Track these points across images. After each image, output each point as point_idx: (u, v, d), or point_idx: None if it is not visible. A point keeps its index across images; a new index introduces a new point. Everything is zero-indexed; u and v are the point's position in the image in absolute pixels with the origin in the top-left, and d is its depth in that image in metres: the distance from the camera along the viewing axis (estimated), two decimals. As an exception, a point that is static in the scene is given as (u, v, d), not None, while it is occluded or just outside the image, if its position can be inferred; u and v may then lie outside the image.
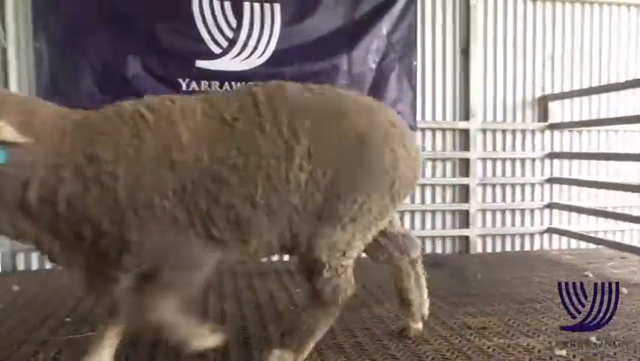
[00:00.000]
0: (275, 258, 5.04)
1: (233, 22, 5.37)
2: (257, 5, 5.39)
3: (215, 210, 2.22)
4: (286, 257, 4.84)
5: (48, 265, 5.01)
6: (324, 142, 2.34)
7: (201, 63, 5.27)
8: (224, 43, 5.36)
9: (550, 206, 6.28)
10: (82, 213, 2.10)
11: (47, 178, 2.06)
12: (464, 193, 6.08)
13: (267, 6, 5.41)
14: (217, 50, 5.34)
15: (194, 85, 5.24)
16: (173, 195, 2.14)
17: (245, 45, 5.39)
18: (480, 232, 6.11)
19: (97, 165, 2.08)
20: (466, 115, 6.04)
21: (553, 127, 6.22)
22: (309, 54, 5.52)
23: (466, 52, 6.00)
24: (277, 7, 5.43)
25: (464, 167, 6.07)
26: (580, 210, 6.09)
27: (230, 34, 5.36)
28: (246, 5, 5.37)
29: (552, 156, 6.27)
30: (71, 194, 2.09)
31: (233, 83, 5.27)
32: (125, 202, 2.09)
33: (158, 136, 2.18)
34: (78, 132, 2.13)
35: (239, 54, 5.40)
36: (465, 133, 6.04)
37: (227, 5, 5.33)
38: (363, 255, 2.92)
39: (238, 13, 5.36)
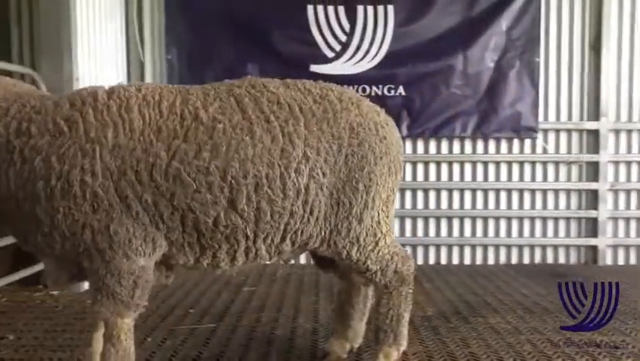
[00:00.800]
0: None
1: (347, 26, 5.46)
2: (370, 8, 5.42)
3: (163, 208, 2.12)
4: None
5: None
6: (319, 141, 2.27)
7: (315, 67, 5.41)
8: (338, 47, 5.46)
9: (697, 215, 5.58)
10: (5, 187, 2.09)
11: None
12: (592, 199, 5.61)
13: (380, 8, 5.42)
14: (330, 54, 5.45)
15: (309, 89, 5.40)
16: (102, 173, 2.06)
17: (358, 48, 5.45)
18: (610, 242, 5.59)
19: (24, 140, 2.06)
20: (595, 115, 5.57)
21: (701, 127, 5.52)
22: (422, 55, 5.44)
23: (596, 46, 5.53)
24: (390, 8, 5.42)
25: (592, 171, 5.61)
26: None
27: (343, 37, 5.45)
28: (360, 9, 5.43)
29: (699, 159, 5.58)
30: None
31: (345, 86, 5.33)
32: (38, 172, 2.04)
33: (102, 117, 2.12)
34: (20, 112, 2.12)
35: (351, 57, 5.47)
36: (594, 134, 5.58)
37: (341, 10, 5.42)
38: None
39: (351, 17, 5.44)
